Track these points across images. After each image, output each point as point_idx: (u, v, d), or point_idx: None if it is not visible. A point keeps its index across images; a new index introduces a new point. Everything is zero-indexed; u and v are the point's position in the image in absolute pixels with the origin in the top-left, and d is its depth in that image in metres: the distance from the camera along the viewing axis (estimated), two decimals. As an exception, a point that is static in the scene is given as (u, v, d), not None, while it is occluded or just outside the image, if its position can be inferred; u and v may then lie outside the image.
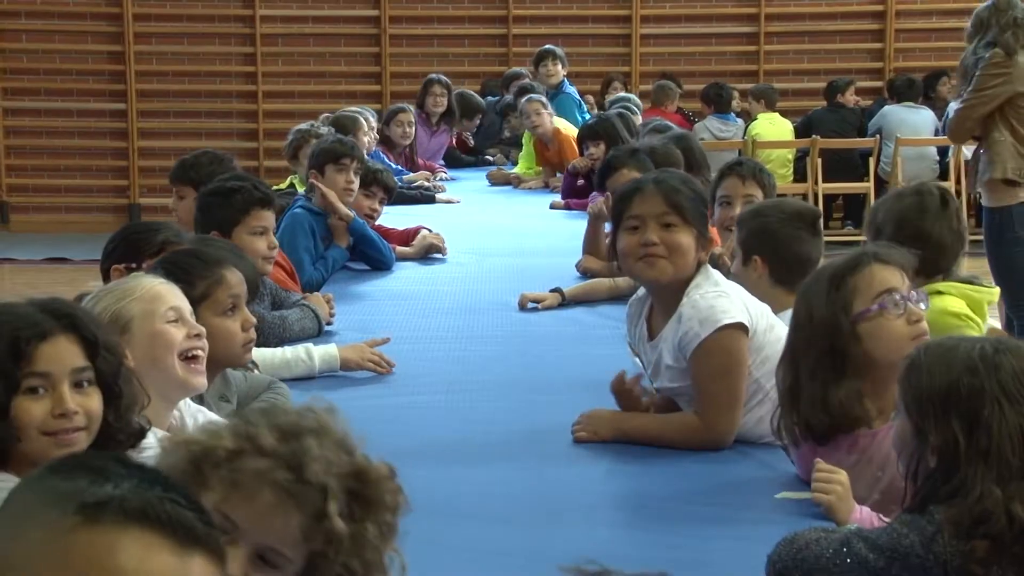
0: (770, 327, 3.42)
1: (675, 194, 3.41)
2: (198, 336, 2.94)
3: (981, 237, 7.13)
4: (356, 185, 5.91)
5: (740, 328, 3.31)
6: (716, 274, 3.44)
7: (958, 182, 11.57)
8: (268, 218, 4.55)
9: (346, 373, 4.10)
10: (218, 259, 3.39)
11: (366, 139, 7.98)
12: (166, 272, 3.15)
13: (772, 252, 3.87)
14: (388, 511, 1.92)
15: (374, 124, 8.73)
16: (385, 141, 9.19)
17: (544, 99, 9.32)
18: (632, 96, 10.41)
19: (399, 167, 8.94)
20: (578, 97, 10.89)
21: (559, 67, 10.74)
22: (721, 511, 2.95)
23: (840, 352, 2.95)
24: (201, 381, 2.97)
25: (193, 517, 1.35)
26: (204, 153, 5.42)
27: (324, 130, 7.21)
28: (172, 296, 2.94)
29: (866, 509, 2.82)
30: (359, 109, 8.76)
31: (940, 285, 3.80)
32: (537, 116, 9.04)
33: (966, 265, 4.07)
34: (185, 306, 2.96)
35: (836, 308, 2.96)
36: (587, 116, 9.93)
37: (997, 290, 3.90)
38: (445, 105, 10.08)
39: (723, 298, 3.34)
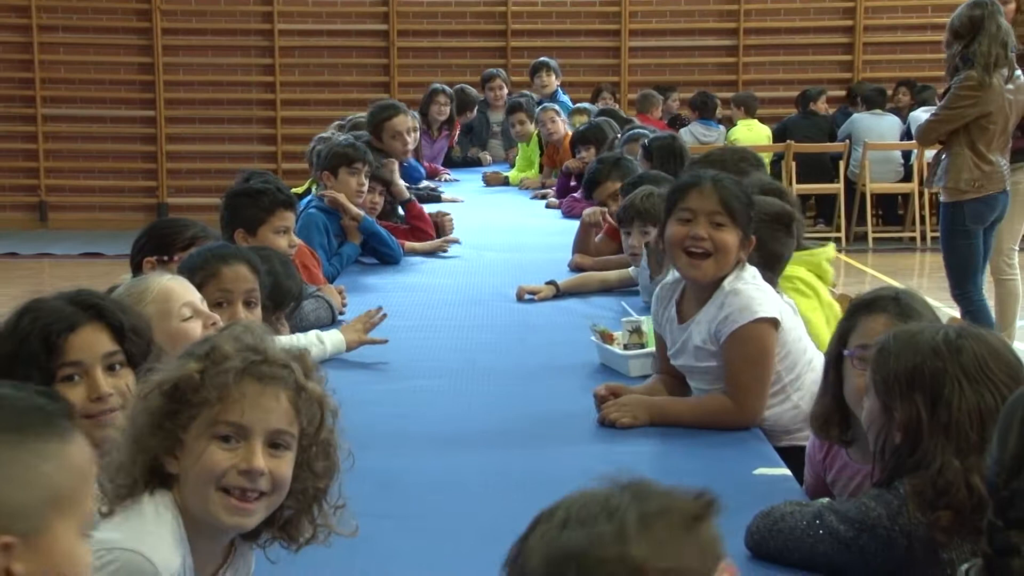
0: (792, 327, 3.41)
1: (728, 195, 3.36)
2: (214, 324, 2.85)
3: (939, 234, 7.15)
4: (366, 187, 5.92)
5: (773, 323, 3.30)
6: (752, 270, 3.41)
7: (921, 183, 11.57)
8: (290, 218, 4.55)
9: (354, 360, 4.08)
10: (222, 255, 3.32)
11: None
12: (179, 267, 3.12)
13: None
14: (320, 381, 2.02)
15: None
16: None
17: (557, 107, 9.34)
18: (589, 106, 10.34)
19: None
20: (572, 105, 10.86)
21: (553, 78, 10.74)
22: (703, 486, 2.93)
23: (834, 368, 2.86)
24: None
25: None
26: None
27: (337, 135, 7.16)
28: (184, 291, 2.86)
29: None
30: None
31: None
32: (552, 124, 9.10)
33: (929, 260, 4.15)
34: (196, 298, 2.88)
35: (841, 331, 2.88)
36: (580, 122, 9.91)
37: (829, 246, 4.01)
38: (447, 114, 9.73)
39: (760, 292, 3.33)
